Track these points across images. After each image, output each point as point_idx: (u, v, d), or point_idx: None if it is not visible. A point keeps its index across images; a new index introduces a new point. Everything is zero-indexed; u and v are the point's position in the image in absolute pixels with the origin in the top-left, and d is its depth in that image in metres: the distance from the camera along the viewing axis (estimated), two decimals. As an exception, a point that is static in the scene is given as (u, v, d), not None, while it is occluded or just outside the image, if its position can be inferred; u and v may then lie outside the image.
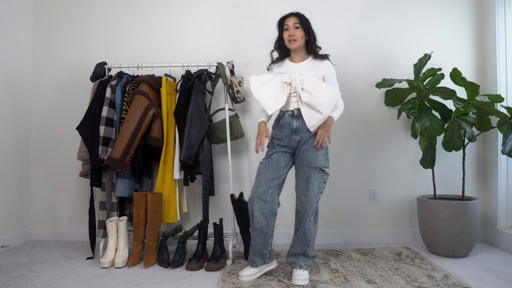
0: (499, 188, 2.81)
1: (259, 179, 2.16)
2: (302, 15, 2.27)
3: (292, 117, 2.20)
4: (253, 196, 2.14)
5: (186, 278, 2.22)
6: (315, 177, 2.11)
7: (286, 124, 2.21)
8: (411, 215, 3.00)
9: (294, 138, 2.19)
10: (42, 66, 3.11)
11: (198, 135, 2.59)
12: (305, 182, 2.12)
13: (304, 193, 2.11)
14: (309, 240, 2.14)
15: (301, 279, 2.10)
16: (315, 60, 2.27)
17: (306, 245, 2.14)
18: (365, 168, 3.01)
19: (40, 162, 3.09)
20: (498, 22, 2.84)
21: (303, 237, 2.14)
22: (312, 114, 2.12)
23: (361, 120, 3.01)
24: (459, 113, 2.59)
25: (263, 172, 2.17)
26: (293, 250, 2.19)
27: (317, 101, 2.08)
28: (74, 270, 2.35)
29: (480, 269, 2.33)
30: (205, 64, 2.78)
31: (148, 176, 2.85)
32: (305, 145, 2.15)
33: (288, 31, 2.23)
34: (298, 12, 2.28)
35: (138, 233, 2.51)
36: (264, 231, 2.14)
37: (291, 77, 2.18)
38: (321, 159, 2.14)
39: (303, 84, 2.13)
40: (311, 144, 2.15)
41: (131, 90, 2.65)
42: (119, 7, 3.07)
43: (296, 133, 2.18)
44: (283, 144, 2.21)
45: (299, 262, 2.16)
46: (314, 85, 2.12)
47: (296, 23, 2.22)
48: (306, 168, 2.12)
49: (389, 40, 3.02)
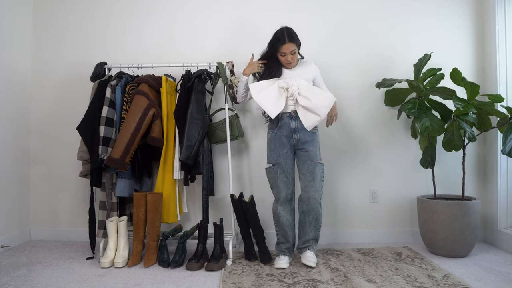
0: (499, 188, 2.81)
1: (278, 185, 2.44)
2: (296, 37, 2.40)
3: (291, 118, 2.43)
4: (278, 201, 2.46)
5: (186, 278, 2.22)
6: (318, 168, 2.39)
7: (285, 124, 2.43)
8: (411, 215, 3.00)
9: (294, 137, 2.43)
10: (42, 66, 3.11)
11: (198, 135, 2.59)
12: (310, 173, 2.38)
13: (310, 183, 2.38)
14: (320, 225, 2.44)
15: (312, 260, 2.36)
16: (304, 63, 2.52)
17: (318, 230, 2.44)
18: (365, 168, 3.01)
19: (40, 162, 3.09)
20: (498, 22, 2.84)
21: (315, 223, 2.42)
22: (309, 115, 2.36)
23: (361, 120, 3.01)
24: (459, 113, 2.59)
25: (280, 178, 2.43)
26: (306, 236, 2.43)
27: (314, 105, 2.34)
28: (74, 270, 2.35)
29: (480, 269, 2.33)
30: (205, 64, 2.78)
31: (148, 176, 2.85)
32: (306, 142, 2.41)
33: (285, 56, 2.40)
34: (293, 36, 2.38)
35: (138, 233, 2.51)
36: (293, 225, 2.48)
37: (287, 83, 2.40)
38: (317, 154, 2.44)
39: (299, 89, 2.38)
40: (310, 141, 2.42)
41: (131, 90, 2.65)
42: (118, 7, 3.07)
43: (295, 132, 2.42)
44: (282, 142, 2.43)
45: (312, 245, 2.44)
46: (310, 91, 2.37)
47: (293, 50, 2.38)
48: (310, 162, 2.39)
49: (389, 40, 3.02)
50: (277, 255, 2.46)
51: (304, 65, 2.50)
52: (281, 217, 2.43)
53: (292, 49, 2.36)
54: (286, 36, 2.35)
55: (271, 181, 2.47)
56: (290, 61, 2.40)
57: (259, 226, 2.55)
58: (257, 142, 2.99)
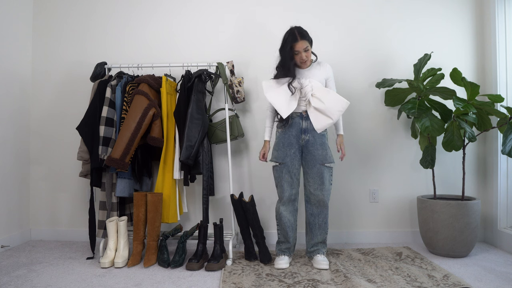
0: (499, 188, 2.81)
1: (282, 185, 2.42)
2: (307, 35, 2.36)
3: (301, 118, 2.41)
4: (281, 201, 2.44)
5: (186, 278, 2.22)
6: (326, 172, 2.39)
7: (296, 124, 2.41)
8: (411, 215, 3.00)
9: (303, 137, 2.41)
10: (42, 66, 3.11)
11: (198, 135, 2.59)
12: (319, 178, 2.37)
13: (319, 187, 2.38)
14: (327, 228, 2.46)
15: (324, 263, 2.36)
16: (318, 64, 2.47)
17: (325, 233, 2.45)
18: (365, 168, 3.01)
19: (40, 162, 3.09)
20: (498, 22, 2.84)
21: (324, 225, 2.44)
22: (320, 118, 2.35)
23: (361, 120, 3.01)
24: (459, 113, 2.59)
25: (284, 179, 2.41)
26: (314, 240, 2.45)
27: (328, 108, 2.33)
28: (74, 270, 2.35)
29: (480, 269, 2.33)
30: (205, 64, 2.78)
31: (148, 176, 2.85)
32: (315, 145, 2.39)
33: (299, 55, 2.35)
34: (305, 34, 2.34)
35: (138, 233, 2.51)
36: (294, 226, 2.46)
37: (301, 83, 2.38)
38: (330, 156, 2.41)
39: (312, 90, 2.35)
40: (320, 143, 2.39)
41: (131, 90, 2.65)
42: (118, 7, 3.08)
43: (305, 133, 2.41)
44: (291, 142, 2.40)
45: (321, 248, 2.44)
46: (324, 93, 2.35)
47: (306, 47, 2.34)
48: (319, 166, 2.37)
49: (389, 40, 3.02)
50: (277, 255, 2.46)
51: (318, 65, 2.45)
52: (283, 217, 2.43)
53: (305, 46, 2.32)
54: (297, 34, 2.32)
55: (276, 180, 2.45)
56: (304, 59, 2.35)
57: (259, 226, 2.55)
58: (257, 142, 2.99)
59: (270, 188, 2.91)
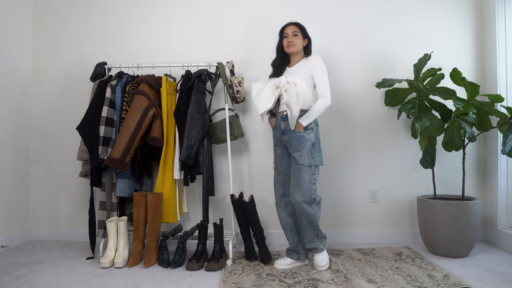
0: (499, 188, 2.81)
1: (275, 185, 2.44)
2: (300, 24, 2.43)
3: (282, 119, 2.38)
4: (275, 202, 2.44)
5: (186, 278, 2.22)
6: (305, 172, 2.27)
7: (278, 125, 2.41)
8: (411, 215, 3.00)
9: (283, 138, 2.37)
10: (42, 66, 3.11)
11: (198, 135, 2.59)
12: (295, 178, 2.29)
13: (295, 188, 2.28)
14: (317, 224, 2.31)
15: (323, 263, 2.32)
16: (307, 59, 2.40)
17: (315, 229, 2.32)
18: (365, 168, 3.01)
19: (40, 162, 3.09)
20: (498, 22, 2.84)
21: (310, 224, 2.30)
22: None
23: (361, 120, 3.01)
24: (459, 113, 2.59)
25: (276, 179, 2.43)
26: (305, 239, 2.36)
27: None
28: (74, 270, 2.35)
29: (480, 269, 2.33)
30: (205, 64, 2.78)
31: (148, 176, 2.85)
32: (291, 146, 2.31)
33: (287, 38, 2.39)
34: (297, 22, 2.43)
35: (138, 233, 2.51)
36: (292, 227, 2.42)
37: (280, 81, 2.35)
38: (305, 158, 2.27)
39: (284, 87, 2.31)
40: (296, 144, 2.28)
41: (131, 90, 2.65)
42: (118, 7, 3.07)
43: (284, 134, 2.36)
44: (277, 143, 2.42)
45: (317, 246, 2.35)
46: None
47: (295, 31, 2.38)
48: (296, 165, 2.29)
49: (389, 40, 3.02)
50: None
51: (305, 61, 2.38)
52: (280, 219, 2.46)
53: (293, 30, 2.37)
54: (290, 21, 2.43)
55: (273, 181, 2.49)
56: (291, 41, 2.35)
57: (259, 226, 2.55)
58: (257, 142, 2.99)
59: (270, 188, 2.91)
